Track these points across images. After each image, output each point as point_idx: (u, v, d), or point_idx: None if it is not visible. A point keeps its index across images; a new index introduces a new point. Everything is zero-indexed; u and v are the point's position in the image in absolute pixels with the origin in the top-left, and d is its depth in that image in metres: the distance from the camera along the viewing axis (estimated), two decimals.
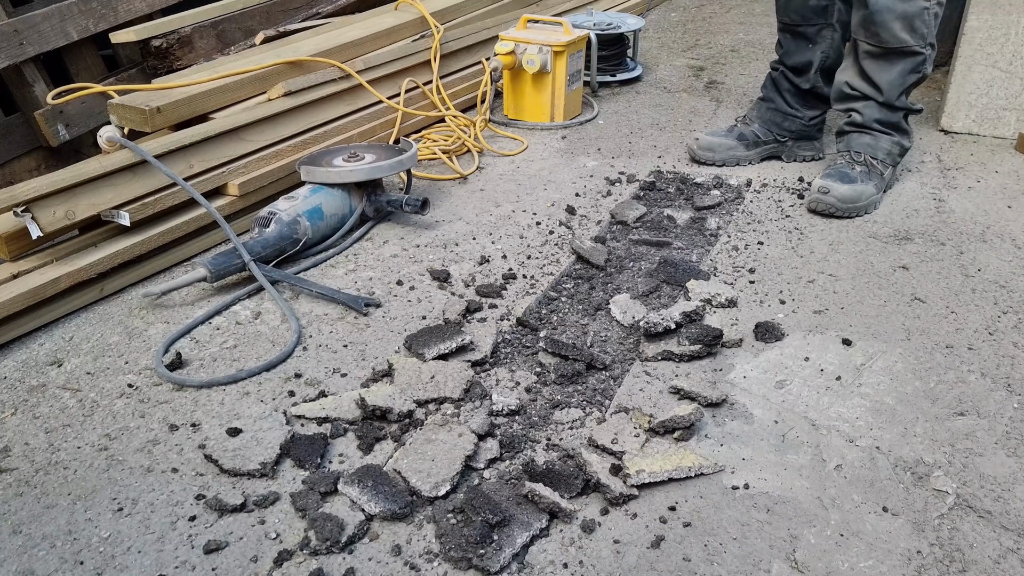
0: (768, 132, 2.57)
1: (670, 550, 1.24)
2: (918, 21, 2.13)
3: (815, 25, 2.41)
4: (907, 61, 2.21)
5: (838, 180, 2.23)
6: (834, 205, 2.21)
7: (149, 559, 1.23)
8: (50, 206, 1.82)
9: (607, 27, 3.24)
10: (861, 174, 2.26)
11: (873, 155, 2.30)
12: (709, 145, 2.55)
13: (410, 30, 2.91)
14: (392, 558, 1.22)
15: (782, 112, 2.55)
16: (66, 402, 1.57)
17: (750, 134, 2.56)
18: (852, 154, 2.32)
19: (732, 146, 2.55)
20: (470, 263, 2.05)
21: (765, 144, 2.58)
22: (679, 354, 1.66)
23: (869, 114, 2.30)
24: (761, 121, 2.58)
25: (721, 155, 2.55)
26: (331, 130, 2.48)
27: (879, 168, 2.29)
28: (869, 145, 2.31)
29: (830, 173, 2.27)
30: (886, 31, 2.15)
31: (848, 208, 2.21)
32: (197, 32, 2.90)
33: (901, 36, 2.15)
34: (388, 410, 1.48)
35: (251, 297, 1.91)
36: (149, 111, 2.11)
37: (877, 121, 2.30)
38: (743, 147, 2.56)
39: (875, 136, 2.31)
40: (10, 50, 2.59)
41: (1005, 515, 1.30)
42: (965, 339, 1.73)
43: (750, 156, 2.57)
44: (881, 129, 2.31)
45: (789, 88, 2.53)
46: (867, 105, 2.29)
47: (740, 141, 2.56)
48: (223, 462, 1.38)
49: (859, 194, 2.22)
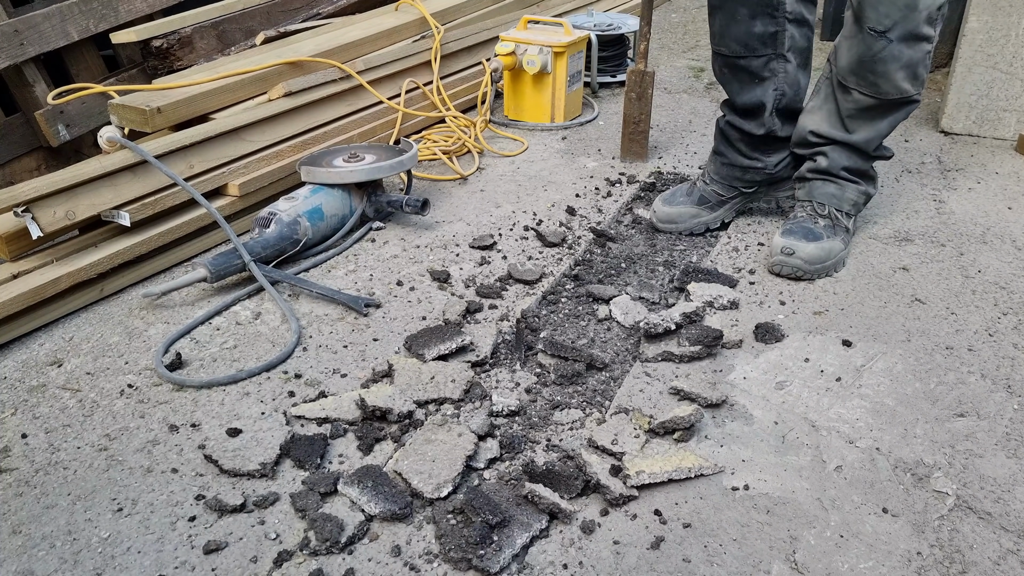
0: (731, 188, 2.16)
1: (670, 551, 1.24)
2: (921, 68, 1.86)
3: (761, 56, 1.98)
4: (902, 111, 1.93)
5: (802, 238, 1.92)
6: (800, 268, 1.91)
7: (149, 559, 1.23)
8: (50, 206, 1.82)
9: (607, 28, 3.24)
10: (826, 228, 1.96)
11: (838, 207, 2.00)
12: (669, 217, 2.18)
13: (410, 31, 2.91)
14: (392, 559, 1.22)
15: (740, 167, 2.13)
16: (66, 402, 1.57)
17: (711, 194, 2.17)
18: (815, 205, 2.01)
19: (694, 213, 2.17)
20: (470, 264, 2.05)
21: (731, 200, 2.18)
22: (679, 355, 1.66)
23: (837, 160, 1.99)
24: (719, 178, 2.16)
25: (686, 224, 2.18)
26: (331, 130, 2.48)
27: (843, 221, 2.00)
28: (834, 196, 2.00)
29: (792, 229, 1.95)
30: (887, 81, 1.85)
31: (816, 270, 1.92)
32: (197, 32, 2.90)
33: (903, 86, 1.86)
34: (388, 411, 1.48)
35: (251, 297, 1.91)
36: (149, 111, 2.11)
37: (845, 169, 2.00)
38: (707, 211, 2.17)
39: (841, 185, 2.01)
40: (10, 50, 2.59)
41: (1005, 516, 1.30)
42: (965, 340, 1.73)
43: (718, 217, 2.19)
44: (848, 177, 2.01)
45: (741, 138, 2.11)
46: (835, 149, 1.98)
47: (702, 206, 2.17)
48: (223, 462, 1.38)
49: (827, 252, 1.93)
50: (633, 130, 2.61)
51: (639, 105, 2.57)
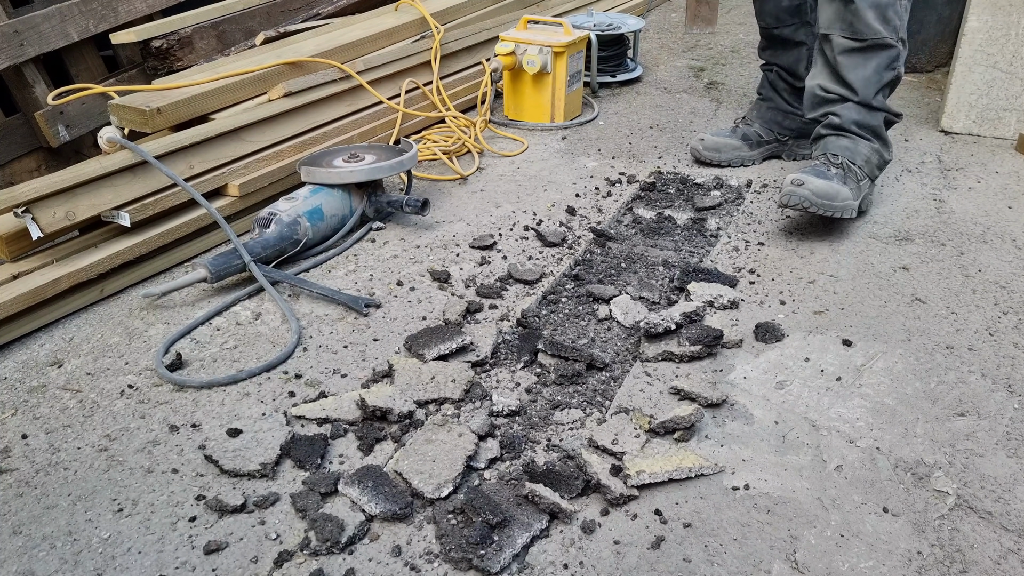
0: (770, 131, 2.58)
1: (670, 551, 1.24)
2: (891, 11, 2.08)
3: (791, 25, 2.45)
4: (881, 56, 2.12)
5: (813, 175, 2.09)
6: (808, 199, 2.05)
7: (149, 560, 1.23)
8: (50, 207, 1.82)
9: (607, 28, 3.24)
10: (837, 175, 2.12)
11: (851, 159, 2.15)
12: (715, 145, 2.55)
13: (410, 31, 2.91)
14: (392, 559, 1.22)
15: (782, 111, 2.57)
16: (66, 403, 1.57)
17: (753, 135, 2.58)
18: (829, 156, 2.18)
19: (737, 146, 2.56)
20: (470, 264, 2.05)
21: (767, 144, 2.59)
22: (679, 355, 1.66)
23: (847, 115, 2.17)
24: (762, 121, 2.59)
25: (727, 155, 2.55)
26: (331, 131, 2.48)
27: (856, 173, 2.15)
28: (847, 148, 2.17)
29: (804, 170, 2.15)
30: (860, 20, 2.08)
31: (823, 204, 2.05)
32: (197, 33, 2.90)
33: (875, 26, 2.09)
34: (388, 411, 1.48)
35: (251, 298, 1.91)
36: (149, 112, 2.11)
37: (856, 123, 2.18)
38: (747, 147, 2.57)
39: (854, 139, 2.18)
40: (10, 51, 2.59)
41: (1006, 516, 1.30)
42: (965, 340, 1.73)
43: (754, 156, 2.58)
44: (860, 133, 2.18)
45: (786, 87, 2.55)
46: (845, 107, 2.18)
47: (744, 142, 2.57)
48: (223, 463, 1.38)
49: (836, 192, 2.07)
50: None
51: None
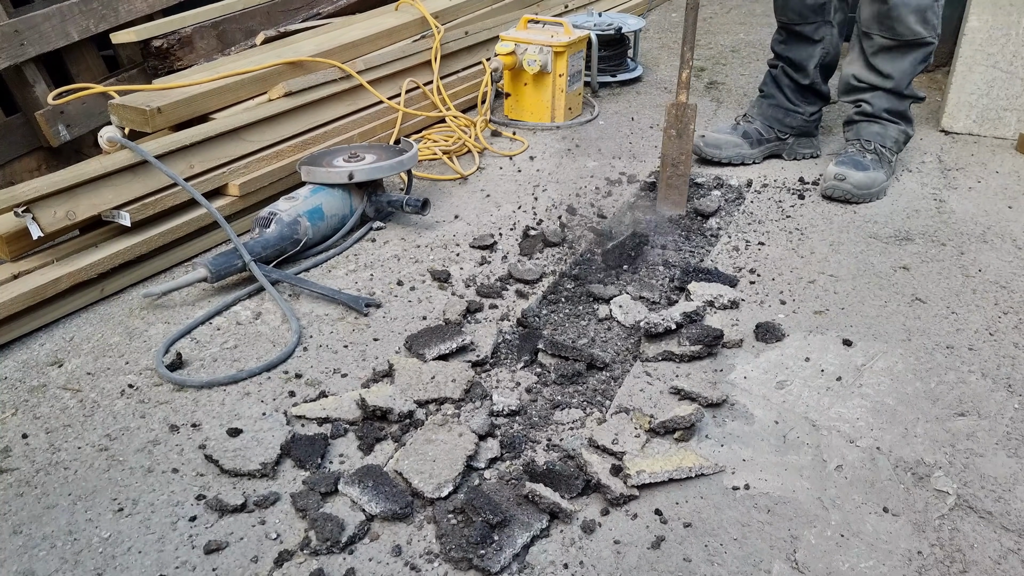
0: (770, 129, 2.60)
1: (670, 550, 1.24)
2: (930, 13, 2.26)
3: (813, 23, 2.47)
4: (919, 52, 2.33)
5: (852, 167, 2.32)
6: (850, 191, 2.30)
7: (149, 559, 1.23)
8: (51, 206, 1.82)
9: (607, 27, 3.24)
10: (872, 162, 2.36)
11: (882, 143, 2.40)
12: (716, 142, 2.57)
13: (411, 30, 2.91)
14: (392, 558, 1.22)
15: (784, 108, 2.59)
16: (67, 402, 1.57)
17: (753, 132, 2.60)
18: (862, 142, 2.41)
19: (738, 143, 2.57)
20: (470, 264, 2.05)
21: (768, 142, 2.61)
22: (680, 354, 1.66)
23: (879, 104, 2.40)
24: (763, 118, 2.61)
25: (728, 152, 2.56)
26: (331, 130, 2.48)
27: (887, 155, 2.39)
28: (878, 134, 2.41)
29: (843, 161, 2.36)
30: (902, 24, 2.25)
31: (863, 194, 2.31)
32: (198, 32, 2.90)
33: (916, 28, 2.26)
34: (388, 410, 1.48)
35: (251, 297, 1.91)
36: (150, 111, 2.11)
37: (886, 111, 2.40)
38: (748, 145, 2.58)
39: (884, 125, 2.42)
40: (11, 50, 2.59)
41: (1006, 516, 1.30)
42: (966, 339, 1.73)
43: (754, 154, 2.59)
44: (889, 118, 2.42)
45: (789, 84, 2.58)
46: (876, 95, 2.40)
47: (745, 139, 2.58)
48: (223, 462, 1.38)
49: (872, 181, 2.32)
50: (672, 173, 2.25)
51: (679, 144, 2.22)
